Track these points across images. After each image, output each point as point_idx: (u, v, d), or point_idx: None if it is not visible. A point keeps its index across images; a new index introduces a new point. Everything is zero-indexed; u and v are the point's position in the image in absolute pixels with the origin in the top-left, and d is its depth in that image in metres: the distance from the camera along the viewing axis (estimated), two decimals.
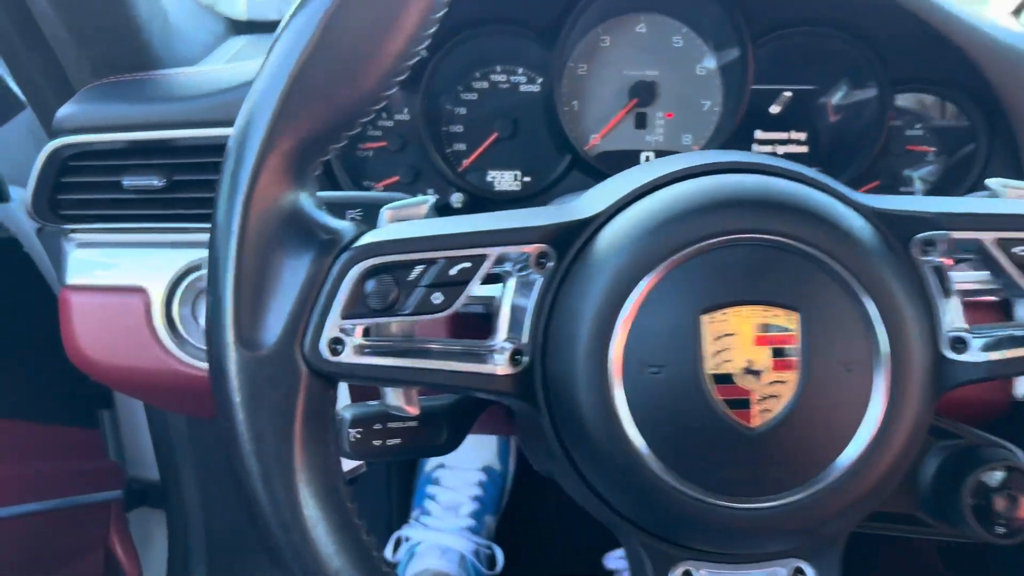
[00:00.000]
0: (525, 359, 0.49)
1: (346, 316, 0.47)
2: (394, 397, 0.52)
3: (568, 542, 1.36)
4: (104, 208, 0.85)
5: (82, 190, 0.85)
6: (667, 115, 0.89)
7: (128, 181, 0.83)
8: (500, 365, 0.48)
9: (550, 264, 0.48)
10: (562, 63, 0.87)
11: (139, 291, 0.85)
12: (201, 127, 0.81)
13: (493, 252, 0.47)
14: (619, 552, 1.27)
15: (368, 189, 0.89)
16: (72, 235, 0.87)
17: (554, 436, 0.49)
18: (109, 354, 0.86)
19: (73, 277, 0.86)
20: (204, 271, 0.83)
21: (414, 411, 0.52)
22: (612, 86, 0.89)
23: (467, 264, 0.47)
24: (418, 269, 0.47)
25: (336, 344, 0.47)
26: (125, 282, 0.85)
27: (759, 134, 0.88)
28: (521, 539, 1.37)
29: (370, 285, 0.47)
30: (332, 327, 0.47)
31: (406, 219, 0.50)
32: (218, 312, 0.46)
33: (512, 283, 0.50)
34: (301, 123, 0.46)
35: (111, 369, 0.87)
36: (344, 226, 0.48)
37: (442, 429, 0.57)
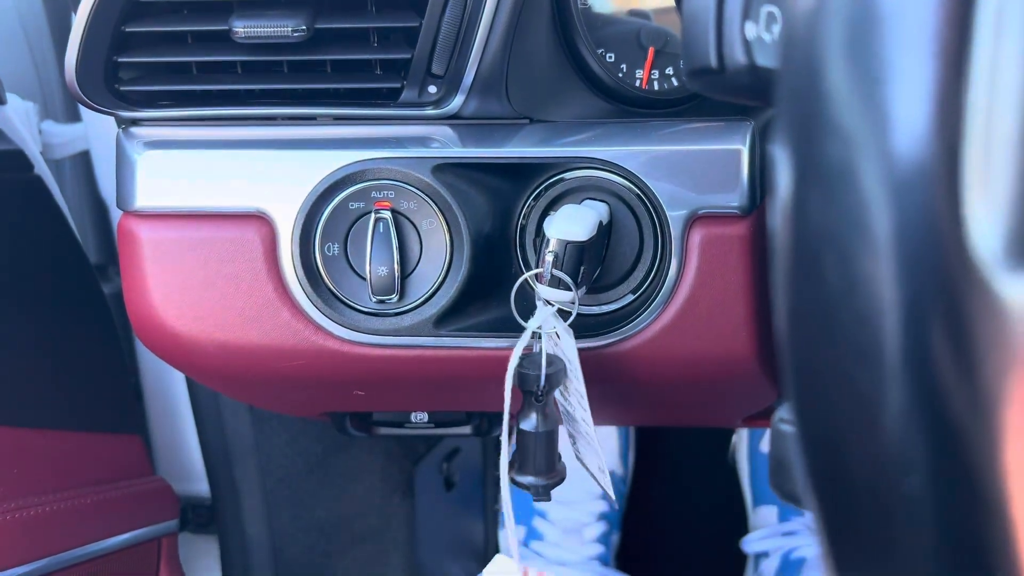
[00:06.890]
0: None
1: None
2: None
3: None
4: (196, 79, 0.52)
5: (161, 46, 0.51)
6: None
7: (242, 27, 0.49)
8: None
9: None
10: None
11: (257, 218, 0.51)
12: None
13: None
14: (759, 534, 1.02)
15: None
16: (136, 128, 0.53)
17: None
18: (202, 323, 0.52)
19: (144, 196, 0.52)
20: (381, 182, 0.50)
21: None
22: None
23: None
24: None
25: None
26: (232, 204, 0.52)
27: None
28: (639, 556, 1.14)
29: None
30: None
31: None
32: None
33: None
34: None
35: (205, 347, 0.53)
36: None
37: None
